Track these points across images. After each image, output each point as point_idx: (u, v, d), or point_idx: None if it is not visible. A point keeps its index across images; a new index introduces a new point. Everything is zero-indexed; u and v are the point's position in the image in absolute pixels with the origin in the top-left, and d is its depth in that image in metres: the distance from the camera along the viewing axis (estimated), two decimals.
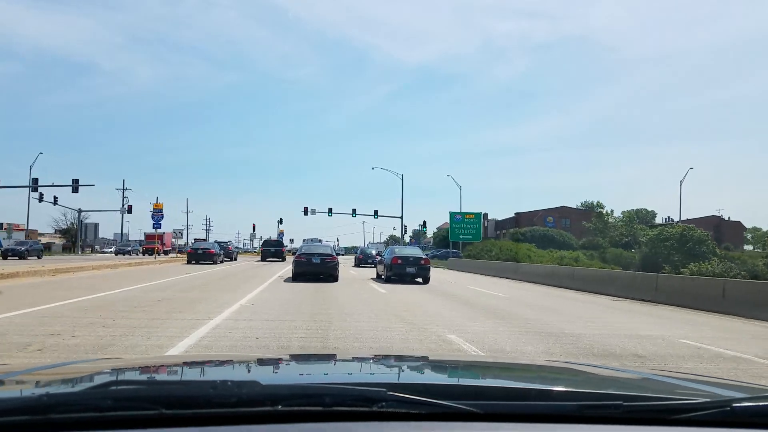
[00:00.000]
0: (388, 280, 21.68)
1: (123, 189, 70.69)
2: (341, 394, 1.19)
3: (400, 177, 64.93)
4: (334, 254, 22.21)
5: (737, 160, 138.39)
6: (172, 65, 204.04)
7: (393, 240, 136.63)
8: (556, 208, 77.61)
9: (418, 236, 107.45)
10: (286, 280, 20.72)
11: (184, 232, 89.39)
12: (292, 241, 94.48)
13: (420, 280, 21.74)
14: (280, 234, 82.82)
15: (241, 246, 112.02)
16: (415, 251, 23.49)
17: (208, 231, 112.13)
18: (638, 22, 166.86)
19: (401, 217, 65.08)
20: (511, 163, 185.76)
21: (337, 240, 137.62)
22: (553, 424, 1.18)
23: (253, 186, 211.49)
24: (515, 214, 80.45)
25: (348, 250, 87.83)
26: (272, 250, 47.43)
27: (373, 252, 41.89)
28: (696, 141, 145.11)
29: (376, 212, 66.57)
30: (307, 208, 65.89)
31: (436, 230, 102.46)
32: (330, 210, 65.93)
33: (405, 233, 69.69)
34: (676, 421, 1.20)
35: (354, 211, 66.13)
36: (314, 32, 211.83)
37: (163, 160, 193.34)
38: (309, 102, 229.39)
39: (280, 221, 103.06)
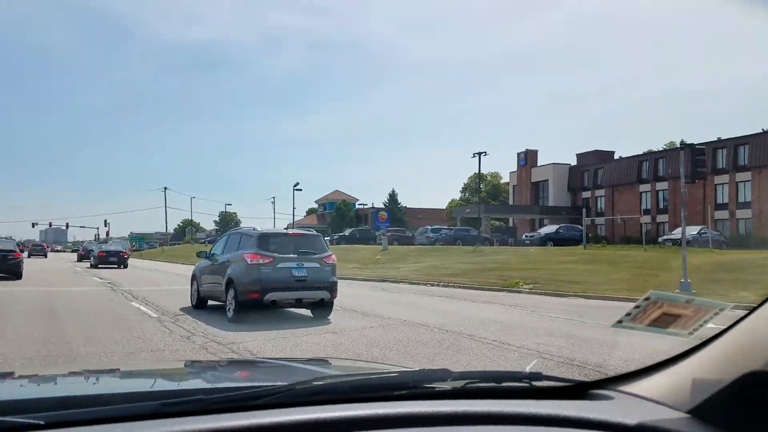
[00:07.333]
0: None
1: None
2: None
3: None
4: (17, 250, 22.23)
5: None
6: None
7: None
8: None
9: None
10: None
11: None
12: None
13: None
14: None
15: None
16: (117, 246, 34.70)
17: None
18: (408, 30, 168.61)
19: None
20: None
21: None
22: (131, 423, 1.21)
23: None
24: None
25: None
26: None
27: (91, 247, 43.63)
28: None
29: None
30: None
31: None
32: None
33: None
34: (254, 406, 1.30)
35: None
36: None
37: None
38: (59, 76, 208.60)
39: None
